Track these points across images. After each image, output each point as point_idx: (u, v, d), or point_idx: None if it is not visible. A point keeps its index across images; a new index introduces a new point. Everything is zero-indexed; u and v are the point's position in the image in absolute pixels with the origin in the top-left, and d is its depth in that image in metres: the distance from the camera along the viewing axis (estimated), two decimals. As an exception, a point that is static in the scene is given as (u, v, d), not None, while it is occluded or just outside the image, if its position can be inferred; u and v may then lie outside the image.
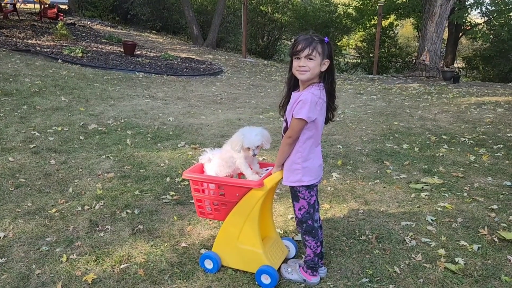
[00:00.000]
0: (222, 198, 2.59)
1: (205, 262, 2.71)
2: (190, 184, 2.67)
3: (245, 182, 2.52)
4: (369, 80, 13.17)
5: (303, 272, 2.65)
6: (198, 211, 2.72)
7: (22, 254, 2.87)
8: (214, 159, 2.76)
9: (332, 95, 2.41)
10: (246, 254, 2.62)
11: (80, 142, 5.19)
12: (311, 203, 2.52)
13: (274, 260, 2.66)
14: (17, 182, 3.99)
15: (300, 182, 2.45)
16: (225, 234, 2.67)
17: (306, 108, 2.27)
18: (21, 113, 6.06)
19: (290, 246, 2.93)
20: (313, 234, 2.55)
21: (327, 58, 2.31)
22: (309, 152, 2.42)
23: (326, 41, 2.30)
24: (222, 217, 2.66)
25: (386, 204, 3.73)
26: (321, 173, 2.55)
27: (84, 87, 7.90)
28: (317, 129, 2.39)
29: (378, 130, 6.33)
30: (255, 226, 2.55)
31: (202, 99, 8.29)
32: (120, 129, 5.80)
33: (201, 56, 14.62)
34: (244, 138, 2.51)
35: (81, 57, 10.50)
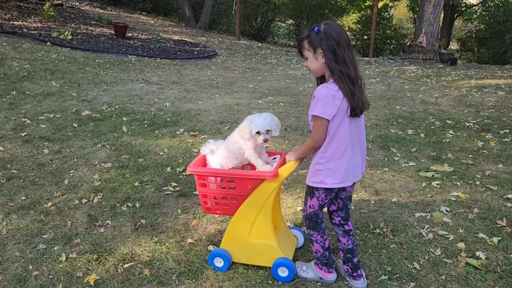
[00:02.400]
0: (233, 192, 2.42)
1: (215, 260, 2.55)
2: (196, 179, 2.48)
3: (259, 174, 2.37)
4: (365, 62, 12.96)
5: (318, 270, 2.52)
6: (204, 207, 2.56)
7: (17, 253, 2.68)
8: (219, 150, 2.59)
9: (354, 83, 2.11)
10: (259, 248, 2.49)
11: (74, 130, 4.96)
12: (321, 205, 2.36)
13: (287, 252, 2.54)
14: (9, 174, 3.77)
15: (322, 183, 2.25)
16: (235, 229, 2.52)
17: (320, 104, 2.09)
18: (10, 99, 5.78)
19: (298, 235, 2.83)
20: (317, 229, 2.41)
21: (320, 48, 2.09)
22: (334, 152, 2.19)
23: (316, 30, 2.10)
24: (231, 212, 2.50)
25: (398, 194, 3.59)
26: (351, 178, 2.26)
27: (75, 71, 7.60)
28: (344, 126, 2.14)
29: (381, 115, 6.17)
30: (268, 219, 2.42)
31: (198, 83, 8.03)
32: (115, 116, 5.56)
33: (194, 38, 14.25)
34: (252, 123, 2.34)
35: (70, 40, 10.11)
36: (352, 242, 2.42)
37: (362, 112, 2.18)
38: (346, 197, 2.38)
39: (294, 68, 10.67)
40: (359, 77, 2.14)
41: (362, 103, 2.13)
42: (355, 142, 2.22)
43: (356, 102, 2.09)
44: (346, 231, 2.42)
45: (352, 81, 2.09)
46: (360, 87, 2.15)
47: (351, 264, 2.41)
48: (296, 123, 5.62)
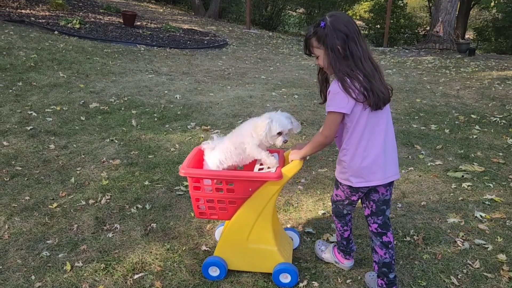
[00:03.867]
0: (231, 195, 2.20)
1: (210, 269, 2.34)
2: (189, 181, 2.21)
3: (261, 175, 2.15)
4: (380, 52, 12.58)
5: (336, 253, 2.47)
6: (197, 212, 2.31)
7: (19, 261, 2.49)
8: (221, 144, 2.37)
9: (371, 75, 1.96)
10: (259, 254, 2.32)
11: (81, 123, 4.75)
12: (350, 199, 2.21)
13: (287, 256, 2.39)
14: (13, 171, 3.58)
15: (347, 181, 2.13)
16: (232, 234, 2.32)
17: (336, 99, 1.95)
18: (16, 91, 5.59)
19: (294, 236, 2.68)
20: (340, 218, 2.32)
21: (327, 43, 1.94)
22: (355, 148, 2.03)
23: (322, 25, 1.95)
24: (228, 216, 2.29)
25: (426, 196, 3.34)
26: (380, 176, 2.06)
27: (83, 61, 7.38)
28: (363, 120, 1.98)
29: (400, 109, 5.88)
30: (268, 222, 2.25)
31: (209, 74, 7.78)
32: (124, 108, 5.35)
33: (203, 27, 13.95)
34: (275, 122, 2.15)
35: (78, 29, 9.89)
36: (391, 256, 2.18)
37: (385, 104, 2.00)
38: (379, 200, 2.15)
39: (307, 59, 10.34)
40: (376, 66, 1.99)
41: (383, 93, 1.96)
42: (381, 136, 2.04)
43: (376, 94, 1.93)
44: (384, 242, 2.18)
45: (368, 74, 1.94)
46: (380, 75, 2.00)
47: (387, 279, 2.19)
48: (313, 116, 5.36)
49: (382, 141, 2.04)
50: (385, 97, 1.98)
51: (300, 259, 2.58)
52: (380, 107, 1.97)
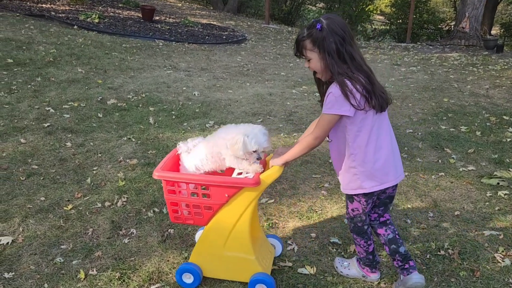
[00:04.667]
0: (207, 200, 2.10)
1: (184, 276, 2.23)
2: (163, 184, 2.11)
3: (237, 181, 2.06)
4: (402, 49, 12.21)
5: (361, 268, 2.34)
6: (172, 216, 2.22)
7: (32, 267, 2.39)
8: (197, 150, 2.25)
9: (369, 76, 1.92)
10: (235, 262, 2.21)
11: (98, 120, 4.67)
12: (365, 210, 2.15)
13: (266, 265, 2.27)
14: (29, 170, 3.50)
15: (361, 188, 2.04)
16: (208, 241, 2.21)
17: (339, 102, 1.87)
18: (35, 86, 5.54)
19: (276, 243, 2.55)
20: (362, 234, 2.23)
21: (323, 46, 1.88)
22: (365, 152, 1.98)
23: (318, 27, 1.87)
24: (204, 222, 2.19)
25: (459, 205, 3.13)
26: (392, 177, 2.04)
27: (102, 57, 7.32)
28: (369, 123, 1.93)
29: (427, 109, 5.63)
30: (246, 230, 2.13)
31: (228, 70, 7.63)
32: (141, 105, 5.25)
33: (222, 22, 13.80)
34: (250, 139, 2.01)
35: (97, 23, 9.86)
36: (392, 231, 2.20)
37: (388, 105, 1.97)
38: (385, 197, 2.16)
39: (328, 55, 10.10)
40: (370, 68, 1.96)
41: (384, 94, 1.94)
42: (387, 136, 2.03)
43: (379, 95, 1.91)
44: (381, 222, 2.22)
45: (369, 75, 1.91)
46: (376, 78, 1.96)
47: (399, 255, 2.17)
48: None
49: (389, 141, 2.02)
50: (387, 98, 1.96)
51: (325, 272, 2.42)
52: (384, 109, 1.94)
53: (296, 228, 2.84)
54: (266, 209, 3.08)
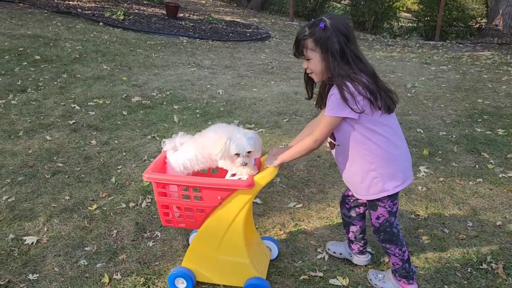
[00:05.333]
0: (199, 203, 2.03)
1: (176, 281, 2.16)
2: (154, 187, 2.05)
3: (230, 183, 1.99)
4: (431, 47, 11.84)
5: (396, 280, 2.21)
6: (164, 219, 2.15)
7: (56, 269, 2.35)
8: (185, 148, 2.15)
9: (375, 77, 1.86)
10: (229, 266, 2.15)
11: (123, 118, 4.64)
12: (392, 211, 2.05)
13: (261, 269, 2.22)
14: (54, 168, 3.48)
15: (384, 191, 1.95)
16: (201, 244, 2.15)
17: (341, 104, 1.79)
18: (61, 83, 5.56)
19: (272, 246, 2.47)
20: (394, 241, 2.10)
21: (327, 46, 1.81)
22: (383, 151, 1.90)
23: (322, 26, 1.79)
24: (197, 225, 2.12)
25: (501, 215, 2.94)
26: (410, 173, 2.01)
27: (127, 53, 7.32)
28: (380, 120, 1.86)
29: (460, 110, 5.39)
30: (240, 233, 2.07)
31: (252, 68, 7.52)
32: (165, 103, 5.19)
33: (246, 19, 13.69)
34: (232, 142, 1.94)
35: (122, 20, 9.90)
36: (365, 222, 2.32)
37: (395, 106, 1.90)
38: None
39: (354, 53, 9.87)
40: (374, 70, 1.89)
41: (391, 94, 1.88)
42: (400, 132, 1.98)
43: (386, 95, 1.85)
44: (364, 214, 2.28)
45: (372, 76, 1.84)
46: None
47: (363, 242, 2.35)
48: (364, 117, 4.99)
49: (403, 139, 1.98)
50: (394, 98, 1.89)
51: (359, 284, 2.29)
52: (391, 110, 1.87)
53: (326, 235, 2.71)
54: (294, 214, 2.96)
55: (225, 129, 2.04)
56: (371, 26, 17.69)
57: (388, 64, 8.38)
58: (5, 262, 2.36)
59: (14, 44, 6.84)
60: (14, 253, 2.44)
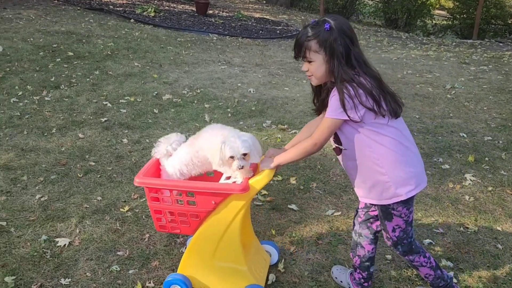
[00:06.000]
0: (193, 208, 1.95)
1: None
2: (146, 192, 1.98)
3: (224, 187, 1.92)
4: (468, 46, 11.36)
5: None
6: (157, 225, 2.08)
7: (88, 274, 2.28)
8: (179, 154, 2.06)
9: (379, 80, 1.76)
10: (226, 273, 2.07)
11: (154, 116, 4.58)
12: (409, 221, 1.92)
13: (259, 275, 2.13)
14: (87, 166, 3.44)
15: (396, 196, 1.82)
16: (197, 250, 2.08)
17: (344, 104, 1.70)
18: (93, 79, 5.57)
19: (272, 250, 2.38)
20: (415, 250, 1.99)
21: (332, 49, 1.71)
22: (393, 154, 1.79)
23: (327, 27, 1.70)
24: (191, 231, 2.04)
25: (560, 231, 2.70)
26: (423, 179, 1.89)
27: (157, 51, 7.30)
28: (386, 123, 1.76)
29: (506, 113, 5.08)
30: (236, 239, 1.99)
31: (283, 66, 7.37)
32: (196, 101, 5.11)
33: (275, 16, 13.52)
34: (225, 145, 1.85)
35: (153, 17, 9.92)
36: (375, 250, 2.11)
37: (402, 110, 1.81)
38: None
39: (387, 51, 9.56)
40: (378, 73, 1.79)
41: (396, 98, 1.79)
42: (409, 133, 1.88)
43: (388, 101, 1.75)
44: (376, 238, 2.09)
45: (376, 80, 1.75)
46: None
47: (367, 273, 2.12)
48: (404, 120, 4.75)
49: (412, 140, 1.88)
50: (400, 103, 1.80)
51: (406, 303, 2.12)
52: (398, 115, 1.78)
53: (368, 247, 2.54)
54: (332, 222, 2.81)
55: (219, 131, 1.96)
56: (404, 24, 17.19)
57: (425, 63, 8.05)
58: (37, 264, 2.32)
59: (49, 41, 6.92)
60: (47, 255, 2.39)
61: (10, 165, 3.37)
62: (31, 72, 5.56)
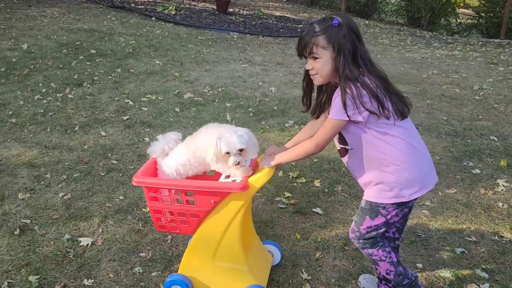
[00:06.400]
0: (192, 207, 1.92)
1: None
2: (145, 192, 1.96)
3: (223, 186, 1.88)
4: (496, 45, 11.03)
5: None
6: (157, 225, 2.05)
7: (111, 275, 2.25)
8: (176, 153, 2.04)
9: (386, 81, 1.72)
10: (227, 274, 2.03)
11: (175, 115, 4.56)
12: (389, 222, 1.85)
13: (261, 276, 2.09)
14: (109, 165, 3.43)
15: (398, 197, 1.77)
16: (197, 250, 2.05)
17: (346, 106, 1.65)
18: (115, 77, 5.59)
19: (274, 250, 2.34)
20: (375, 244, 1.90)
21: (339, 46, 1.66)
22: (401, 154, 1.73)
23: (335, 23, 1.66)
24: (191, 230, 2.02)
25: None
26: (432, 179, 1.83)
27: (178, 49, 7.29)
28: (393, 123, 1.70)
29: (540, 116, 4.88)
30: (237, 238, 1.95)
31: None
32: (218, 100, 5.07)
33: (296, 14, 13.41)
34: (221, 141, 1.81)
35: (174, 15, 9.94)
36: (397, 256, 1.99)
37: (409, 111, 1.76)
38: (409, 210, 1.90)
39: (411, 50, 9.35)
40: (384, 72, 1.75)
41: (403, 99, 1.73)
42: (416, 132, 1.82)
43: (394, 102, 1.70)
44: (396, 247, 2.04)
45: (382, 79, 1.70)
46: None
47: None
48: (428, 120, 4.62)
49: (421, 140, 1.83)
50: (407, 103, 1.74)
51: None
52: (405, 115, 1.73)
53: (397, 255, 2.45)
54: (359, 227, 2.72)
55: (215, 129, 1.93)
56: (427, 23, 16.82)
57: (450, 63, 7.84)
58: (61, 264, 2.30)
59: (72, 38, 6.99)
60: (70, 254, 2.37)
61: (34, 162, 3.38)
62: (55, 70, 5.61)
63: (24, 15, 8.27)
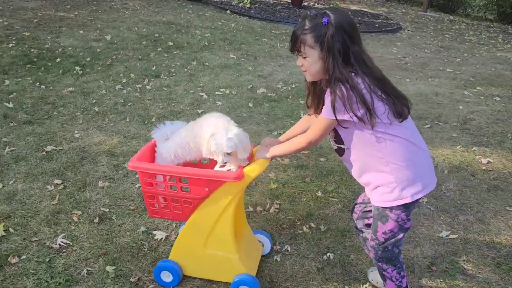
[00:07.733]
0: (186, 194, 1.92)
1: (162, 274, 2.08)
2: (139, 176, 1.96)
3: (217, 174, 1.89)
4: None
5: None
6: (150, 210, 2.08)
7: (184, 273, 2.22)
8: (177, 136, 2.05)
9: (384, 83, 1.62)
10: (217, 261, 2.06)
11: (248, 111, 4.49)
12: (404, 227, 1.76)
13: (251, 265, 2.11)
14: (183, 158, 3.44)
15: (400, 199, 1.68)
16: (188, 237, 2.06)
17: (335, 107, 1.59)
18: (190, 70, 5.66)
19: (264, 240, 2.35)
20: (393, 262, 1.85)
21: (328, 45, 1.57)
22: (400, 153, 1.66)
23: (325, 21, 1.56)
24: (184, 217, 2.03)
25: None
26: (431, 181, 1.74)
27: (252, 42, 7.25)
28: (389, 122, 1.61)
29: None
30: (228, 227, 1.97)
31: (383, 62, 6.88)
32: (291, 97, 4.94)
33: (373, 8, 12.84)
34: (212, 138, 1.85)
35: (248, 8, 9.93)
36: None
37: (409, 111, 1.67)
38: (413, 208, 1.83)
39: (503, 49, 8.52)
40: (381, 73, 1.66)
41: (402, 100, 1.63)
42: (416, 138, 1.72)
43: (391, 104, 1.60)
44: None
45: (378, 80, 1.60)
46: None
47: None
48: (528, 129, 4.13)
49: (421, 139, 1.75)
50: (408, 103, 1.66)
51: None
52: (404, 117, 1.63)
53: (494, 282, 2.17)
54: (448, 246, 2.46)
55: (215, 120, 1.96)
56: (521, 19, 15.30)
57: (552, 65, 7.01)
58: (136, 256, 2.31)
59: (151, 31, 7.22)
60: (145, 247, 2.39)
61: (113, 151, 3.49)
62: (135, 61, 5.81)
63: (108, 7, 8.71)
